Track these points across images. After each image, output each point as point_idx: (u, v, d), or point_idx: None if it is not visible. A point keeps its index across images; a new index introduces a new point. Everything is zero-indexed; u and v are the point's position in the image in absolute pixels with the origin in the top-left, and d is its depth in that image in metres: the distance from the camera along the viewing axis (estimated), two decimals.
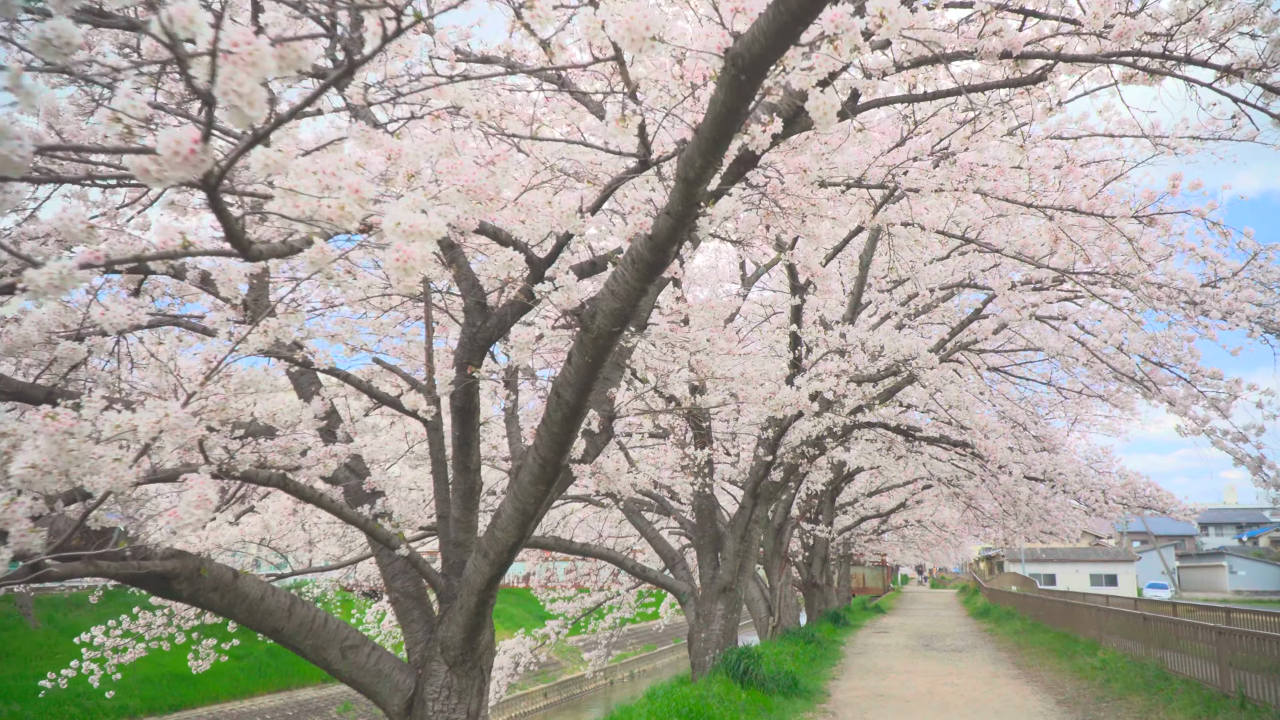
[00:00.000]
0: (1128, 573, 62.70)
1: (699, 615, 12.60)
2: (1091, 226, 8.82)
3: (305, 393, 6.48)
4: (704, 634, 12.49)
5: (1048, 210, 8.45)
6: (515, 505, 5.21)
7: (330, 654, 5.57)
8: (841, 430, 12.51)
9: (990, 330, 13.97)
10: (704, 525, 12.97)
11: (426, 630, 6.14)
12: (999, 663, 17.35)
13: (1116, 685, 12.62)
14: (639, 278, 4.14)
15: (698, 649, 12.54)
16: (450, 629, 5.77)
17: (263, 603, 5.25)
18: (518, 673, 20.72)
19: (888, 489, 28.09)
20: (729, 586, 12.48)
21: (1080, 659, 15.90)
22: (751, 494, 12.43)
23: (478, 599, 5.58)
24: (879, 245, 13.62)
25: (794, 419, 11.09)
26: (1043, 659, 17.26)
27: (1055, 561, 63.12)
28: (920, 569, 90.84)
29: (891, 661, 17.51)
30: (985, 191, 8.73)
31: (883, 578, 56.17)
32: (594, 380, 4.59)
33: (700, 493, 12.78)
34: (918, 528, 36.79)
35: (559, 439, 4.85)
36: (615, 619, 22.22)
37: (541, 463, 4.98)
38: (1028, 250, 9.47)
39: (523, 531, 5.29)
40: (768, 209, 5.57)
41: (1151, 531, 76.57)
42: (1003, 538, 30.37)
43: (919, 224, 9.77)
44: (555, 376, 4.90)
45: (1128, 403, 19.10)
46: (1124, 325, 10.14)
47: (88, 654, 11.51)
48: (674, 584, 12.90)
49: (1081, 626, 18.88)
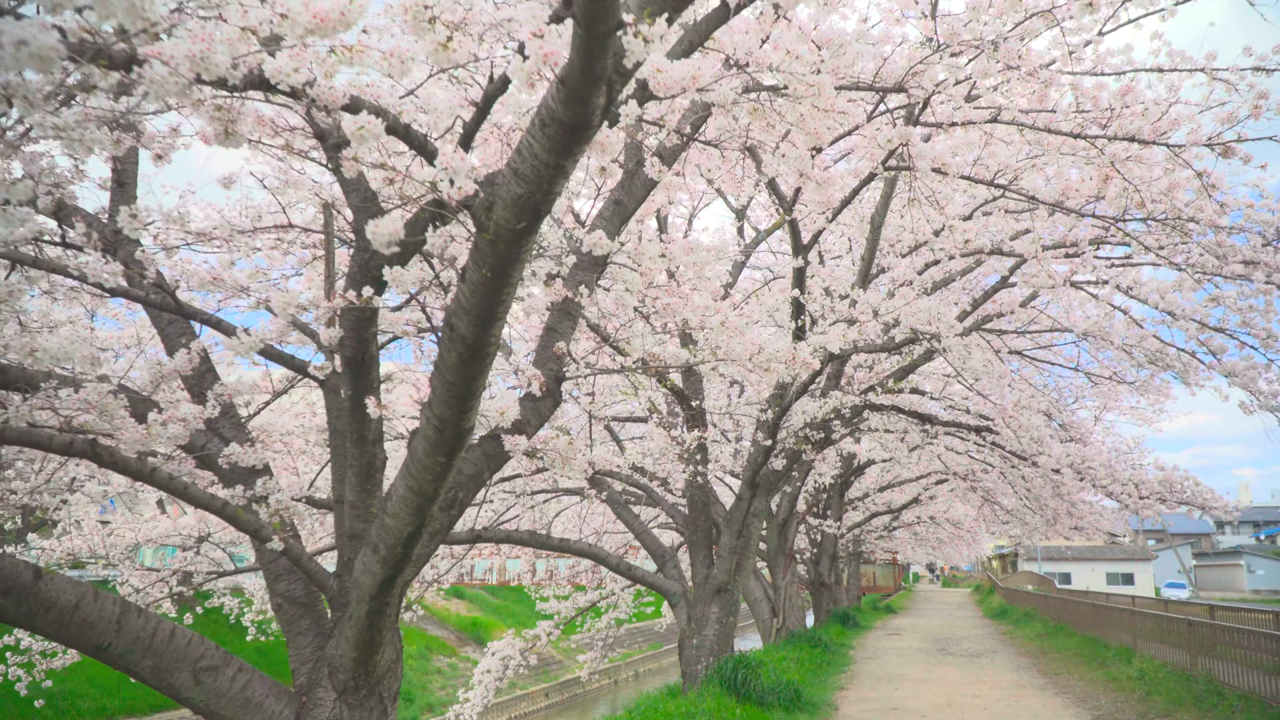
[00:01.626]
0: (1145, 571, 62.23)
1: (691, 619, 11.27)
2: (1150, 162, 7.42)
3: (173, 344, 5.17)
4: (696, 640, 11.15)
5: (1098, 140, 7.07)
6: (408, 483, 3.88)
7: (178, 678, 4.25)
8: (850, 413, 11.14)
9: (1017, 303, 12.59)
10: (697, 519, 11.62)
11: (317, 647, 4.82)
12: (1022, 670, 15.96)
13: (1160, 699, 11.23)
14: (552, 148, 2.81)
15: (689, 656, 11.20)
16: (339, 645, 4.46)
17: (78, 612, 3.93)
18: (506, 676, 19.46)
19: (900, 484, 26.74)
20: (724, 587, 11.13)
21: (1113, 667, 14.49)
22: (750, 484, 11.07)
23: (369, 607, 4.25)
24: (893, 204, 12.26)
25: (795, 396, 9.72)
26: (1070, 666, 15.85)
27: (1071, 560, 62.59)
28: (931, 567, 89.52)
29: (905, 668, 16.14)
30: (1022, 122, 7.36)
31: (894, 576, 54.74)
32: (499, 304, 3.25)
33: (692, 482, 11.43)
34: (930, 524, 35.48)
35: (457, 391, 3.52)
36: (612, 619, 21.00)
37: (437, 424, 3.65)
38: (1069, 198, 8.07)
39: (420, 519, 3.96)
40: (752, 107, 4.22)
41: (1168, 530, 75.29)
42: (1022, 534, 29.01)
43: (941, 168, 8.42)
44: (447, 303, 3.58)
45: (1161, 390, 17.65)
46: (1177, 285, 8.72)
47: (13, 659, 10.44)
48: (663, 584, 11.56)
49: (1111, 630, 17.46)
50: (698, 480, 11.20)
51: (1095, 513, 21.73)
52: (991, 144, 8.08)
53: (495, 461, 4.94)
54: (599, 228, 4.99)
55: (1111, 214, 7.84)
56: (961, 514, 33.18)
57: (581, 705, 37.73)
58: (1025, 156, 8.57)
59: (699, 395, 11.05)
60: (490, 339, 3.36)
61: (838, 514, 23.53)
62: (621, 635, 44.52)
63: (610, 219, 5.26)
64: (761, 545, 19.03)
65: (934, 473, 24.52)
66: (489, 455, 4.90)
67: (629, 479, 11.84)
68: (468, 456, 4.92)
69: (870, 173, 8.61)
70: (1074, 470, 15.28)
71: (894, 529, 36.54)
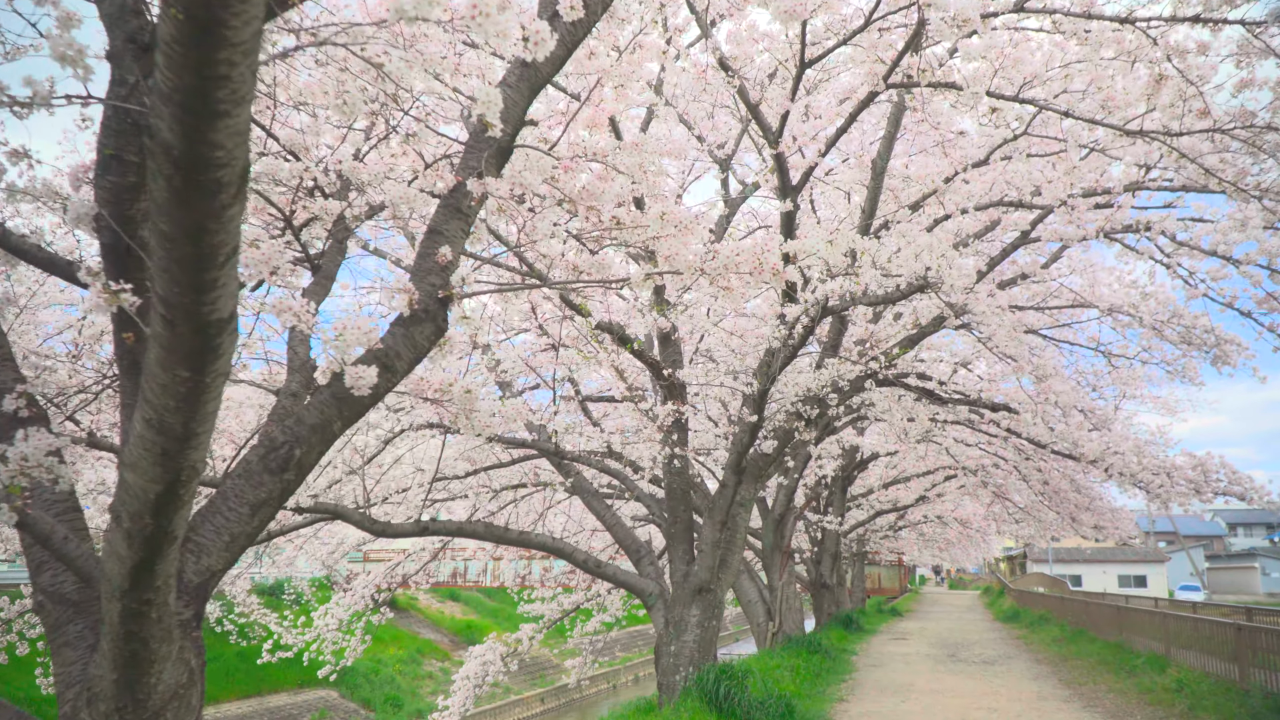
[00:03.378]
0: (1158, 574, 61.34)
1: (668, 622, 9.87)
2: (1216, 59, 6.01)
3: None
4: (674, 646, 9.75)
5: (1152, 26, 5.67)
6: (145, 415, 2.48)
7: None
8: (849, 386, 9.74)
9: (1038, 265, 11.17)
10: (676, 509, 10.22)
11: (88, 663, 3.44)
12: (1041, 678, 14.52)
13: (1208, 716, 9.79)
14: None
15: (666, 665, 9.80)
16: (99, 663, 3.08)
17: None
18: (486, 681, 18.11)
19: (905, 479, 25.31)
20: (706, 586, 9.74)
21: (1144, 677, 13.05)
22: (735, 468, 9.67)
23: (121, 607, 2.86)
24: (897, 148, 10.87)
25: (783, 363, 8.32)
26: (1095, 675, 14.40)
27: (1081, 562, 61.79)
28: (938, 569, 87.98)
29: (912, 676, 14.71)
30: (1055, 8, 5.97)
31: (899, 578, 53.21)
32: (216, 79, 1.86)
33: (670, 466, 10.04)
34: (937, 524, 34.08)
35: (182, 251, 2.13)
36: (600, 622, 19.68)
37: (164, 313, 2.25)
38: (1110, 112, 6.65)
39: (171, 471, 2.56)
40: None
41: (1179, 531, 73.92)
42: (1035, 534, 27.55)
43: (953, 83, 7.05)
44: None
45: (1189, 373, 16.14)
46: (1240, 224, 7.27)
47: None
48: (638, 583, 10.16)
49: (1138, 635, 16.01)
50: (675, 464, 9.81)
51: (1115, 509, 20.30)
52: (1019, 47, 6.67)
53: (350, 408, 3.56)
54: (500, 96, 3.59)
55: (1161, 130, 6.44)
56: (970, 512, 31.79)
57: (579, 709, 36.44)
58: (1059, 62, 7.15)
59: (676, 364, 9.66)
60: (215, 147, 1.96)
61: (840, 510, 22.09)
62: (621, 638, 43.31)
63: (517, 85, 3.88)
64: (756, 542, 17.65)
65: (942, 468, 23.12)
66: (340, 399, 3.52)
67: (598, 463, 10.45)
68: (313, 401, 3.56)
69: (870, 92, 7.24)
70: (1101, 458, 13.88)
71: (899, 529, 35.18)
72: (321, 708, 31.74)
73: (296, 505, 8.86)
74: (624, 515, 15.12)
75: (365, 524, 9.02)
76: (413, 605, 45.06)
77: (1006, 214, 10.24)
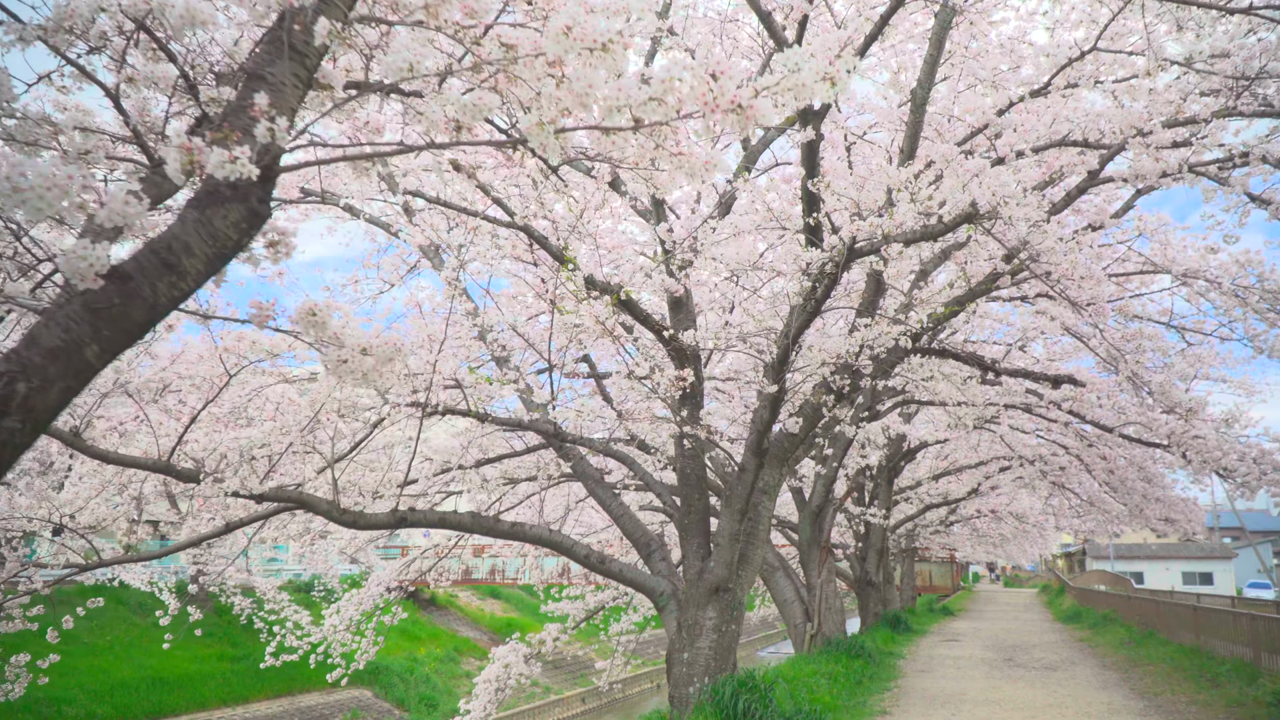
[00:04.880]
0: (1225, 571, 59.19)
1: (681, 626, 8.65)
2: None
3: None
4: (687, 654, 8.53)
5: None
6: None
7: None
8: (887, 355, 8.42)
9: (1109, 212, 9.75)
10: (689, 496, 8.99)
11: None
12: (1110, 687, 13.02)
13: None
14: None
15: (678, 675, 8.58)
16: None
17: None
18: (508, 688, 17.09)
19: (957, 470, 23.76)
20: (724, 585, 8.50)
21: (1231, 687, 11.51)
22: (755, 450, 8.40)
23: None
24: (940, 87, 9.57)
25: (805, 322, 7.03)
26: (1171, 683, 12.86)
27: (1144, 558, 59.83)
28: (992, 566, 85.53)
29: (965, 684, 13.30)
30: None
31: (951, 575, 51.22)
32: None
33: (681, 447, 8.82)
34: (991, 519, 32.42)
35: None
36: (632, 623, 18.56)
37: None
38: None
39: None
40: None
41: (1245, 526, 70.95)
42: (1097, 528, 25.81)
43: None
44: None
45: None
46: None
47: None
48: (646, 581, 8.97)
49: (1218, 639, 14.40)
50: (686, 445, 8.58)
51: (1185, 500, 18.58)
52: None
53: (113, 327, 2.40)
54: None
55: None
56: (1027, 506, 30.10)
57: (622, 709, 35.42)
58: None
59: (688, 325, 8.41)
60: None
61: (886, 502, 20.65)
62: (663, 635, 42.33)
63: None
64: (793, 535, 16.32)
65: (997, 458, 21.56)
66: (96, 314, 2.37)
67: (602, 446, 9.25)
68: (55, 314, 2.42)
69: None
70: (1179, 440, 12.38)
71: (951, 524, 33.58)
72: (354, 708, 31.12)
73: (250, 491, 7.83)
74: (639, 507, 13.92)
75: (334, 514, 7.97)
76: (452, 603, 44.44)
77: (1071, 164, 8.80)
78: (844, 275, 8.27)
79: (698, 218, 8.55)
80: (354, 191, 7.97)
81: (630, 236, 9.58)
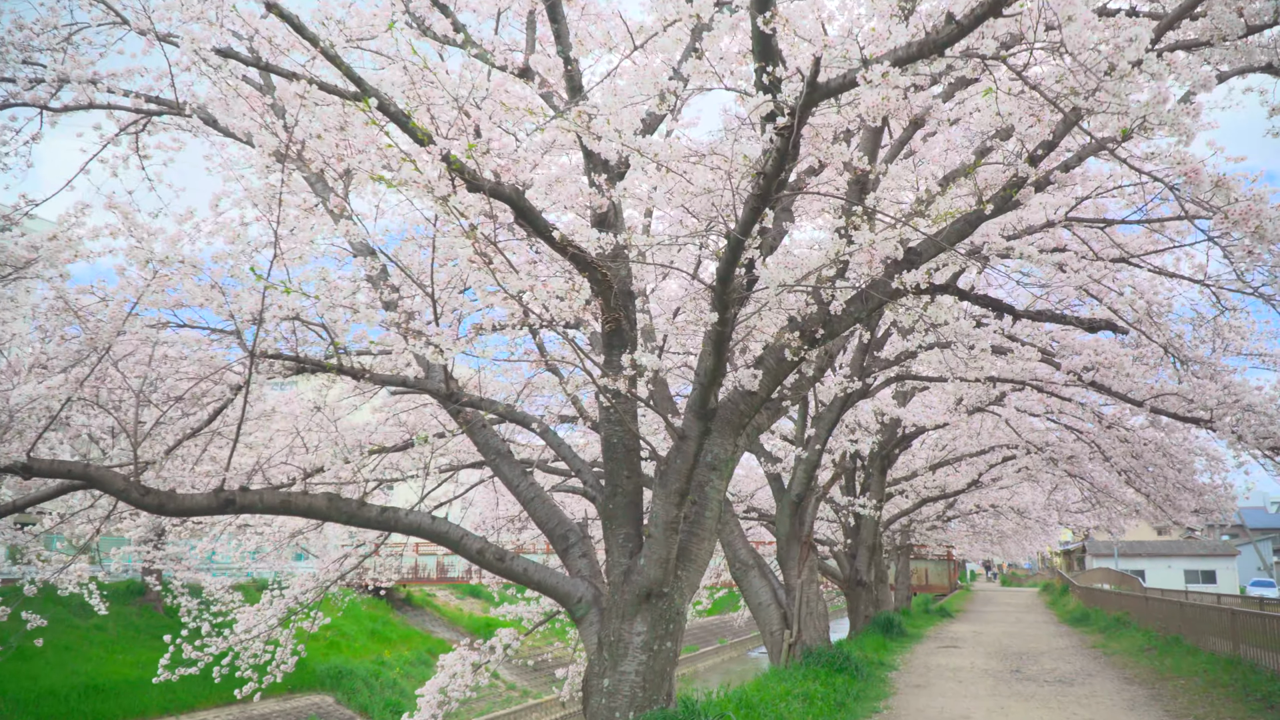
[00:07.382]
0: (1228, 568, 58.38)
1: (602, 643, 6.58)
2: None
3: None
4: (609, 679, 6.45)
5: None
6: None
7: None
8: (872, 284, 6.32)
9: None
10: (615, 473, 6.89)
11: None
12: (1139, 706, 10.98)
13: None
14: None
15: (596, 708, 6.50)
16: None
17: None
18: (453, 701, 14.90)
19: (955, 460, 21.70)
20: (658, 589, 6.42)
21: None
22: (699, 412, 6.30)
23: None
24: None
25: (755, 210, 4.91)
26: (1213, 703, 10.82)
27: (1145, 556, 58.94)
28: (988, 564, 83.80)
29: (968, 703, 11.25)
30: None
31: (949, 574, 49.21)
32: None
33: (605, 412, 6.74)
34: (991, 513, 30.54)
35: None
36: None
37: None
38: None
39: None
40: None
41: (1245, 524, 69.69)
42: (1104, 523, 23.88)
43: None
44: None
45: None
46: None
47: None
48: (559, 583, 6.88)
49: (1263, 649, 12.37)
50: (605, 403, 6.48)
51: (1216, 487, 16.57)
52: None
53: None
54: None
55: None
56: (1029, 501, 28.31)
57: None
58: None
59: (625, 278, 6.32)
60: None
61: (878, 493, 18.58)
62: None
63: None
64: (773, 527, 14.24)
65: (1000, 446, 19.52)
66: None
67: (505, 410, 7.16)
68: None
69: None
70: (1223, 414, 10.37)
71: (948, 519, 31.66)
72: (312, 715, 29.08)
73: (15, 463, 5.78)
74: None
75: (133, 495, 5.89)
76: (428, 602, 42.40)
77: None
78: (817, 164, 6.20)
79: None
80: None
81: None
